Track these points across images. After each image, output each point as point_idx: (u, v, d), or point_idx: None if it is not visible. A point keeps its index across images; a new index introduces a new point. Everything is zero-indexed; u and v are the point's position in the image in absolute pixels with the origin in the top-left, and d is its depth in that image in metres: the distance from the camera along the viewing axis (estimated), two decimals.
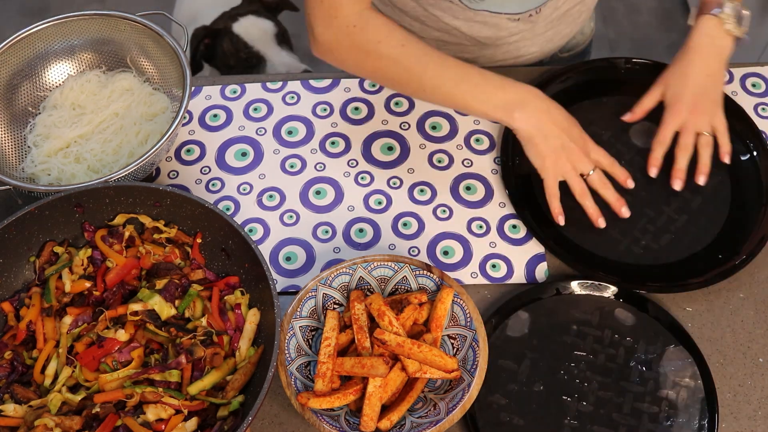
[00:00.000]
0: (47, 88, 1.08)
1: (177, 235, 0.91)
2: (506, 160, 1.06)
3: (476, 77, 0.93)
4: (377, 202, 1.05)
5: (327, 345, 0.86)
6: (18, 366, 0.84)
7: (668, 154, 1.04)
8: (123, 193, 0.90)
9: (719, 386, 0.90)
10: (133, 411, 0.79)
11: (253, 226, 1.03)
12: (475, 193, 1.06)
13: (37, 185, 0.97)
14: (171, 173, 1.08)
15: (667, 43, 2.57)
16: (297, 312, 0.89)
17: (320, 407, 0.82)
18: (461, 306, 0.89)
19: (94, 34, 1.08)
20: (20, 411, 0.80)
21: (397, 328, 0.86)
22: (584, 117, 1.08)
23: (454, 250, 1.01)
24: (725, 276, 0.96)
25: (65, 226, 0.90)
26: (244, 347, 0.84)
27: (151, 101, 1.06)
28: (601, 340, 0.93)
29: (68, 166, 1.00)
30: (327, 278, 0.92)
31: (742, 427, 0.88)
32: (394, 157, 1.09)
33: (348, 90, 1.16)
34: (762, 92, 1.17)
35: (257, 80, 1.18)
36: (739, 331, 0.95)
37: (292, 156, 1.09)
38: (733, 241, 1.00)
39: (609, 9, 2.65)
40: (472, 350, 0.87)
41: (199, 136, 1.12)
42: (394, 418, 0.83)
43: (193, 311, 0.86)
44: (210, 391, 0.81)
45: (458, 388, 0.85)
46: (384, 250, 1.01)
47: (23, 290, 0.88)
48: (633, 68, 1.17)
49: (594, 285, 0.96)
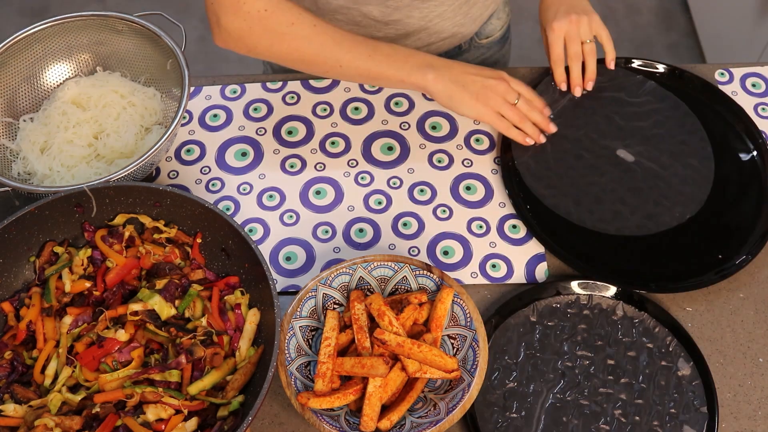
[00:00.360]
0: (46, 89, 1.08)
1: (177, 235, 0.91)
2: (506, 160, 1.06)
3: (387, 48, 1.01)
4: (377, 202, 1.05)
5: (327, 345, 0.86)
6: (18, 366, 0.84)
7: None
8: (123, 193, 0.90)
9: (719, 386, 0.90)
10: (133, 411, 0.79)
11: (253, 226, 1.03)
12: (475, 193, 1.06)
13: (36, 186, 0.97)
14: (171, 173, 1.08)
15: (667, 43, 2.57)
16: (297, 312, 0.89)
17: (320, 407, 0.82)
18: (461, 306, 0.89)
19: (93, 34, 1.08)
20: (20, 411, 0.80)
21: (397, 328, 0.86)
22: (584, 116, 1.09)
23: (454, 250, 1.01)
24: (725, 276, 0.97)
25: (65, 226, 0.90)
26: (244, 347, 0.84)
27: (150, 102, 1.06)
28: (601, 340, 0.93)
29: (67, 166, 1.00)
30: (327, 278, 0.92)
31: (742, 427, 0.88)
32: (394, 157, 1.09)
33: (348, 90, 1.16)
34: (762, 92, 1.17)
35: (257, 80, 1.18)
36: (739, 331, 0.95)
37: (292, 156, 1.09)
38: (733, 241, 1.01)
39: (609, 9, 2.65)
40: (472, 350, 0.87)
41: (199, 136, 1.12)
42: (394, 418, 0.83)
43: (193, 311, 0.86)
44: (210, 391, 0.81)
45: (458, 388, 0.85)
46: (384, 250, 1.01)
47: (23, 290, 0.88)
48: (633, 68, 1.17)
49: (594, 285, 0.96)
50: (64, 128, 1.02)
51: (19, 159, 1.03)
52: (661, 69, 1.16)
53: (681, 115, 1.11)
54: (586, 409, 0.88)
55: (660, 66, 1.16)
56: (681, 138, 1.09)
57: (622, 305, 0.95)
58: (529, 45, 2.53)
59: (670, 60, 1.09)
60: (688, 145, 1.08)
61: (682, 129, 1.10)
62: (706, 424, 0.87)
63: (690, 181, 1.05)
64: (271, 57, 1.01)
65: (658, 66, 1.16)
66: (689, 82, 1.15)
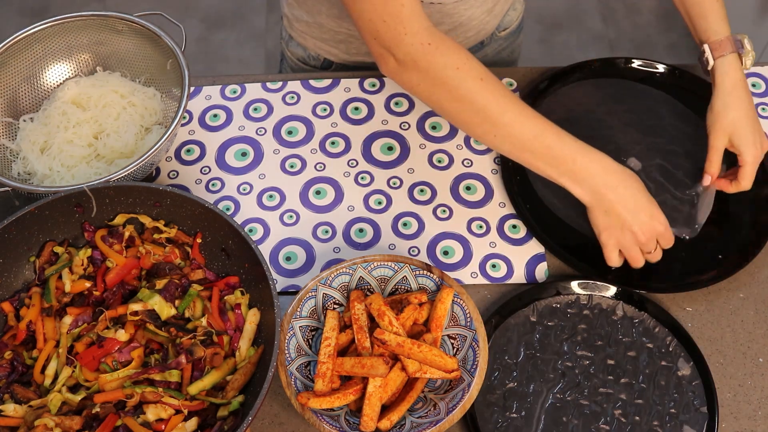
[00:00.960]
0: (46, 89, 1.08)
1: (177, 235, 0.91)
2: (506, 160, 1.06)
3: (551, 137, 0.89)
4: (377, 202, 1.05)
5: (327, 345, 0.86)
6: (18, 366, 0.83)
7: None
8: (123, 193, 0.89)
9: (719, 386, 0.90)
10: (133, 411, 0.79)
11: (253, 226, 1.03)
12: (475, 193, 1.06)
13: (36, 186, 0.97)
14: (171, 173, 1.08)
15: (667, 43, 2.57)
16: (297, 312, 0.89)
17: (320, 407, 0.82)
18: (461, 306, 0.89)
19: (93, 34, 1.08)
20: (20, 411, 0.80)
21: (397, 328, 0.86)
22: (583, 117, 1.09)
23: (454, 250, 1.01)
24: (725, 276, 0.97)
25: (65, 226, 0.90)
26: (244, 347, 0.84)
27: (150, 102, 1.06)
28: (601, 340, 0.93)
29: (67, 166, 1.00)
30: (327, 278, 0.92)
31: (742, 427, 0.88)
32: (394, 157, 1.09)
33: (348, 90, 1.16)
34: (762, 92, 1.17)
35: (257, 80, 1.18)
36: (739, 331, 0.95)
37: (292, 156, 1.09)
38: (733, 241, 1.00)
39: (609, 9, 2.65)
40: (472, 350, 0.87)
41: (199, 136, 1.12)
42: (394, 418, 0.83)
43: (193, 311, 0.86)
44: (210, 391, 0.81)
45: (458, 388, 0.85)
46: (384, 250, 1.01)
47: (23, 290, 0.88)
48: (633, 68, 1.17)
49: (594, 285, 0.96)
50: (64, 128, 1.02)
51: (19, 159, 1.03)
52: (661, 69, 1.16)
53: (685, 123, 1.11)
54: (586, 409, 0.88)
55: (660, 66, 1.16)
56: (687, 148, 1.08)
57: (622, 305, 0.95)
58: (530, 45, 2.53)
59: (670, 60, 1.09)
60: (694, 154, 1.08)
61: (689, 137, 1.09)
62: (706, 424, 0.87)
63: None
64: (429, 101, 0.92)
65: (658, 66, 1.16)
66: (689, 82, 1.15)
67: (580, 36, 2.59)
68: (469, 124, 0.91)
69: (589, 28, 2.60)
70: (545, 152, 0.89)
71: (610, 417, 0.88)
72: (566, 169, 0.90)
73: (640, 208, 0.91)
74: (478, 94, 0.88)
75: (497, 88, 0.88)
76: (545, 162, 0.90)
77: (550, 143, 0.89)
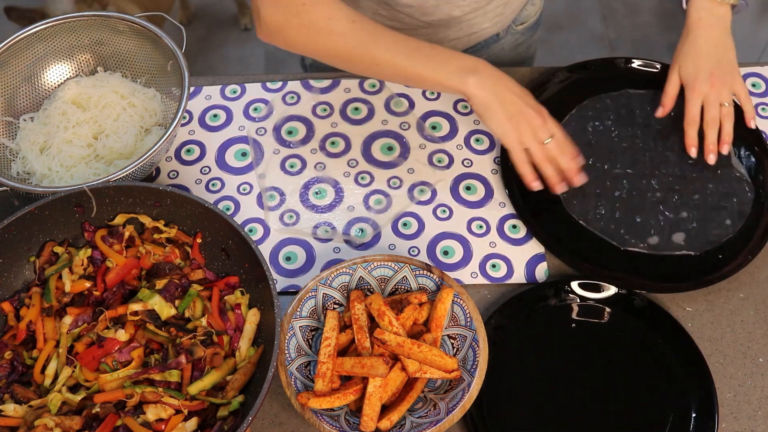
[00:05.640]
0: (46, 89, 1.08)
1: (177, 235, 0.91)
2: (506, 160, 1.06)
3: (427, 49, 0.95)
4: (377, 202, 1.05)
5: (327, 345, 0.86)
6: (18, 366, 0.84)
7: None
8: (123, 193, 0.90)
9: (719, 386, 0.90)
10: (133, 411, 0.79)
11: (253, 226, 1.03)
12: (475, 193, 1.06)
13: (34, 186, 0.97)
14: (171, 173, 1.08)
15: (667, 43, 2.57)
16: (297, 312, 0.89)
17: (320, 407, 0.82)
18: (461, 306, 0.89)
19: (94, 34, 1.08)
20: (20, 411, 0.80)
21: (397, 328, 0.86)
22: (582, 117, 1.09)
23: (454, 250, 1.01)
24: (725, 276, 0.97)
25: (65, 226, 0.90)
26: (244, 347, 0.84)
27: (150, 102, 1.06)
28: (601, 340, 0.93)
29: (66, 166, 1.00)
30: (327, 278, 0.92)
31: (742, 427, 0.88)
32: (394, 157, 1.09)
33: (348, 90, 1.16)
34: (762, 92, 1.17)
35: (257, 80, 1.18)
36: (739, 331, 0.95)
37: (292, 156, 1.09)
38: (733, 241, 1.00)
39: (609, 9, 2.65)
40: (472, 350, 0.87)
41: (199, 136, 1.12)
42: (394, 418, 0.83)
43: (193, 311, 0.86)
44: (210, 391, 0.81)
45: (458, 388, 0.85)
46: (384, 250, 1.01)
47: (23, 290, 0.88)
48: (633, 68, 1.17)
49: (594, 285, 0.96)
50: (63, 128, 1.02)
51: (18, 158, 1.03)
52: (661, 69, 1.16)
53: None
54: (586, 409, 0.88)
55: (660, 66, 1.16)
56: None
57: (622, 305, 0.95)
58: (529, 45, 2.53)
59: (670, 60, 1.09)
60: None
61: None
62: (706, 424, 0.87)
63: (691, 178, 1.05)
64: (307, 52, 0.99)
65: (658, 66, 1.16)
66: None
67: (580, 36, 2.59)
68: (351, 62, 0.97)
69: (589, 28, 2.60)
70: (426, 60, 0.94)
71: (610, 416, 0.88)
72: (451, 68, 0.94)
73: (525, 92, 0.97)
74: (351, 34, 0.94)
75: (368, 25, 0.95)
76: (430, 68, 0.94)
77: (427, 53, 0.95)
